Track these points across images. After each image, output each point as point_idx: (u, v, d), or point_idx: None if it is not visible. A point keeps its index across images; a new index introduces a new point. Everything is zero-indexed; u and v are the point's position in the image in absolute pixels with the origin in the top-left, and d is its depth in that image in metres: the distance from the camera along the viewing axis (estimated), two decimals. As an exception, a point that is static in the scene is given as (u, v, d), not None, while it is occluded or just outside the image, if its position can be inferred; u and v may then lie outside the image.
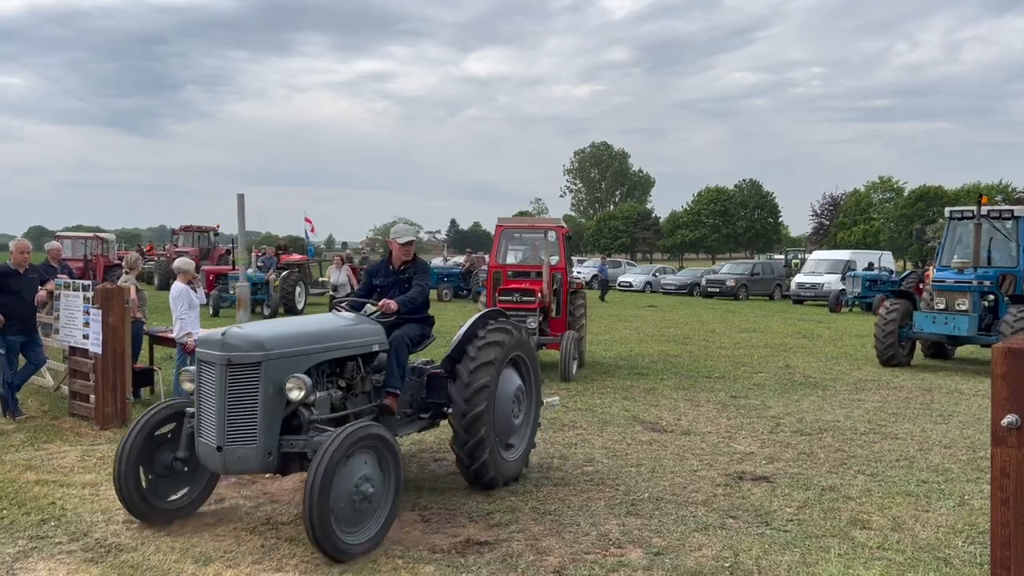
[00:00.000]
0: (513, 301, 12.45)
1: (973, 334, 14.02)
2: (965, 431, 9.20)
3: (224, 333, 5.40)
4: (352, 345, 6.07)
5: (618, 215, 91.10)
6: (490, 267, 14.10)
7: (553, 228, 13.83)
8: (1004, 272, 14.58)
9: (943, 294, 14.35)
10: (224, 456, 5.26)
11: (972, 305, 14.01)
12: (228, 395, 5.25)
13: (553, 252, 13.62)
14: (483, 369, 6.44)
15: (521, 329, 7.11)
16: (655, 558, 5.22)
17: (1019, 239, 14.65)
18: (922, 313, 14.43)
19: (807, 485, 6.91)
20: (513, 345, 6.83)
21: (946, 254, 15.48)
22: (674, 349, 16.86)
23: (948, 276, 14.56)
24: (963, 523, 5.99)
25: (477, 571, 5.00)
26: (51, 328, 9.77)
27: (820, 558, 5.26)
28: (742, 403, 10.81)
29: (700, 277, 40.13)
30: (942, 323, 14.13)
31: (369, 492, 5.22)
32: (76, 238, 33.32)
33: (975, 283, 14.12)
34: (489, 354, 6.49)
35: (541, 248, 14.04)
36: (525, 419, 7.18)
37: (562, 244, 13.51)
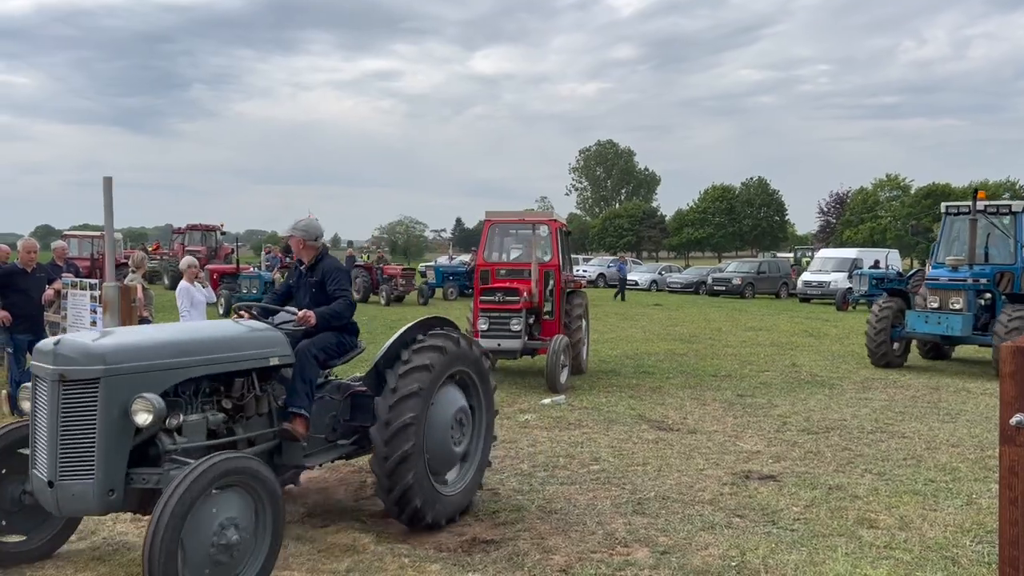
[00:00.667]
0: (495, 302, 11.64)
1: (967, 334, 13.56)
2: (973, 430, 9.17)
3: (58, 342, 4.48)
4: (241, 358, 5.08)
5: (623, 213, 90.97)
6: (477, 265, 13.28)
7: (545, 222, 12.98)
8: (1001, 269, 14.16)
9: (937, 293, 13.89)
10: (56, 493, 4.34)
11: (967, 304, 13.55)
12: (61, 418, 4.33)
13: (545, 248, 12.97)
14: (416, 373, 5.50)
15: (473, 344, 6.15)
16: (661, 557, 5.22)
17: (1017, 235, 14.16)
18: (914, 312, 13.95)
19: (814, 484, 6.90)
20: (457, 357, 5.87)
21: (942, 251, 14.94)
22: (680, 348, 16.83)
23: (942, 274, 14.10)
24: (971, 522, 5.96)
25: (483, 570, 5.00)
26: (58, 327, 9.80)
27: (827, 557, 5.25)
28: (748, 402, 10.79)
29: (706, 275, 40.06)
30: (935, 323, 13.64)
31: (234, 541, 4.28)
32: (82, 237, 33.43)
33: (970, 281, 13.67)
34: (425, 358, 5.59)
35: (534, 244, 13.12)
36: (469, 452, 6.16)
37: (555, 239, 12.59)
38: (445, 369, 5.76)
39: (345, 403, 5.87)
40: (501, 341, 11.44)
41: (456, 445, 5.94)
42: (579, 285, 13.67)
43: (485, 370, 6.27)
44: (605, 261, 50.35)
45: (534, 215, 13.48)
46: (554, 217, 13.16)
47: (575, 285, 13.30)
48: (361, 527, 5.73)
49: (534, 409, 9.99)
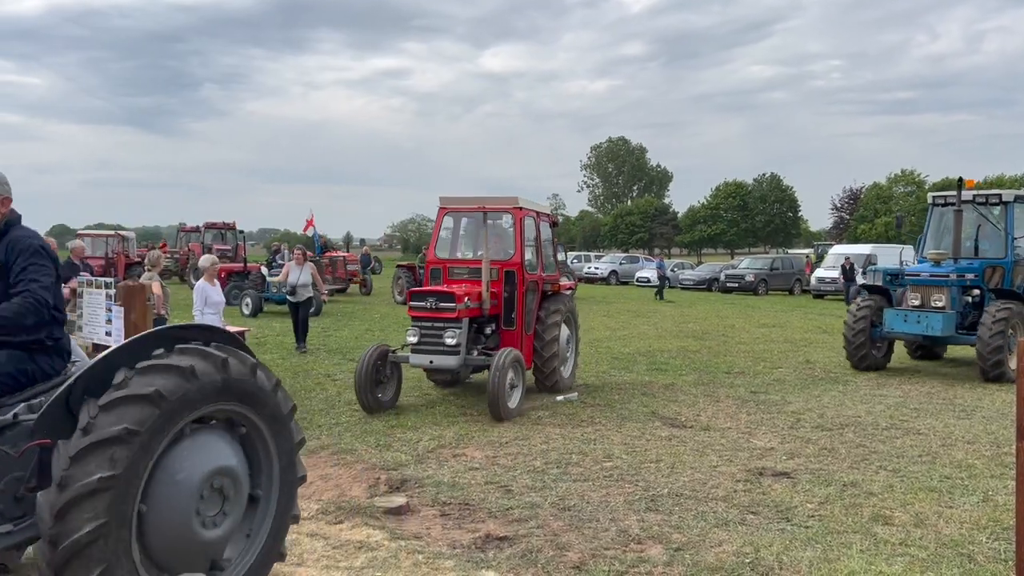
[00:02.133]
0: (427, 308, 9.57)
1: (950, 333, 12.64)
2: (989, 426, 9.11)
3: None
4: None
5: (635, 210, 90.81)
6: (428, 262, 11.10)
7: (508, 209, 10.62)
8: (991, 264, 13.23)
9: (918, 289, 13.02)
10: None
11: (950, 301, 12.68)
12: None
13: (506, 242, 10.94)
14: (128, 407, 3.46)
15: (260, 370, 4.01)
16: (675, 554, 5.21)
17: (1007, 226, 13.19)
18: (892, 311, 13.03)
19: (828, 481, 6.87)
20: (217, 388, 3.76)
21: (929, 244, 13.97)
22: (693, 345, 16.79)
23: (923, 269, 13.25)
24: (987, 519, 5.93)
25: (497, 566, 5.01)
26: (74, 325, 9.89)
27: (842, 554, 5.23)
28: (762, 399, 10.75)
29: (719, 272, 39.95)
30: (914, 322, 12.69)
31: None
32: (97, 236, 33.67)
33: (953, 277, 12.77)
34: (149, 384, 3.53)
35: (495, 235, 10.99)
36: (237, 533, 4.04)
37: (519, 231, 10.33)
38: (190, 405, 3.67)
39: (24, 461, 3.62)
40: (434, 358, 9.54)
41: (207, 528, 3.79)
42: (559, 287, 11.24)
43: (282, 412, 4.15)
44: (618, 258, 50.28)
45: (493, 201, 10.68)
46: (520, 204, 10.57)
47: (555, 288, 11.09)
48: (375, 524, 5.75)
49: (546, 406, 9.99)
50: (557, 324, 10.61)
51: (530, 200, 10.90)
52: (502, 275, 10.18)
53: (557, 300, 10.94)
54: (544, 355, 10.50)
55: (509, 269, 10.25)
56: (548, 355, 10.51)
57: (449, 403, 10.07)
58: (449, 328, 9.44)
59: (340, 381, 11.53)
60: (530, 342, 10.45)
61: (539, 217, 11.06)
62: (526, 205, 10.67)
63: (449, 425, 8.84)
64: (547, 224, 11.48)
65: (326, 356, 14.05)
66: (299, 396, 10.34)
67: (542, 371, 10.61)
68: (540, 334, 10.50)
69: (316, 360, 13.54)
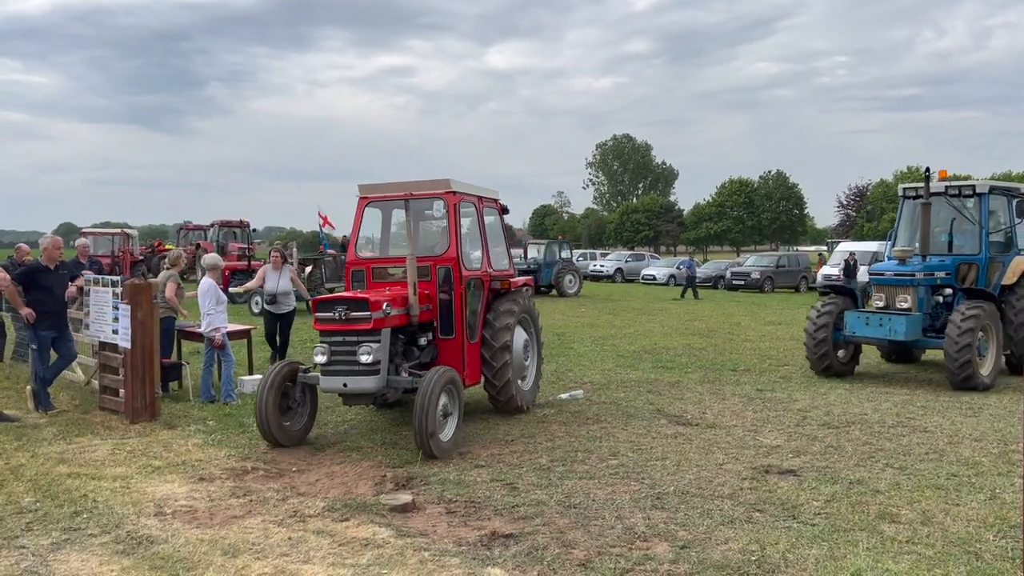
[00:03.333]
0: (336, 320, 7.67)
1: (916, 337, 11.66)
2: (996, 424, 9.08)
3: None
4: None
5: (641, 208, 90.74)
6: (347, 263, 9.16)
7: (439, 195, 8.81)
8: (965, 261, 12.25)
9: (882, 289, 12.07)
10: None
11: (916, 302, 11.72)
12: None
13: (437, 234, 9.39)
14: None
15: None
16: (681, 551, 5.21)
17: (981, 220, 12.17)
18: (854, 313, 12.04)
19: (835, 479, 6.86)
20: None
21: (900, 240, 12.91)
22: (699, 342, 16.77)
23: (888, 268, 12.22)
24: (994, 517, 5.90)
25: (503, 564, 5.01)
26: (81, 323, 9.92)
27: (848, 552, 5.21)
28: (768, 396, 10.73)
29: (725, 270, 39.90)
30: (876, 325, 11.68)
31: None
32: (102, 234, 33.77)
33: (920, 276, 11.78)
34: None
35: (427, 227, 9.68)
36: None
37: (454, 221, 8.62)
38: None
39: None
40: (348, 380, 7.65)
41: None
42: (510, 285, 9.35)
43: None
44: (623, 256, 50.23)
45: (421, 186, 8.85)
46: (453, 188, 8.79)
47: (505, 285, 9.30)
48: (381, 521, 5.76)
49: (552, 404, 9.99)
50: (508, 328, 8.94)
51: (467, 183, 9.13)
52: (435, 274, 8.54)
53: (508, 299, 9.20)
54: (495, 365, 8.83)
55: (443, 266, 8.56)
56: (499, 365, 8.83)
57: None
58: (364, 342, 7.62)
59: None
60: (476, 352, 8.82)
61: (481, 203, 9.41)
62: (462, 189, 8.94)
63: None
64: (494, 211, 9.93)
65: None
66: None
67: (494, 385, 8.93)
68: (488, 341, 8.83)
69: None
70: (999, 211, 12.59)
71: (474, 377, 8.83)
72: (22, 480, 6.65)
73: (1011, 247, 12.61)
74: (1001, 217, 12.60)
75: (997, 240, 12.48)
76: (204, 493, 6.38)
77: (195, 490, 6.44)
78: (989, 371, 11.38)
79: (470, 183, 9.22)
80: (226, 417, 9.07)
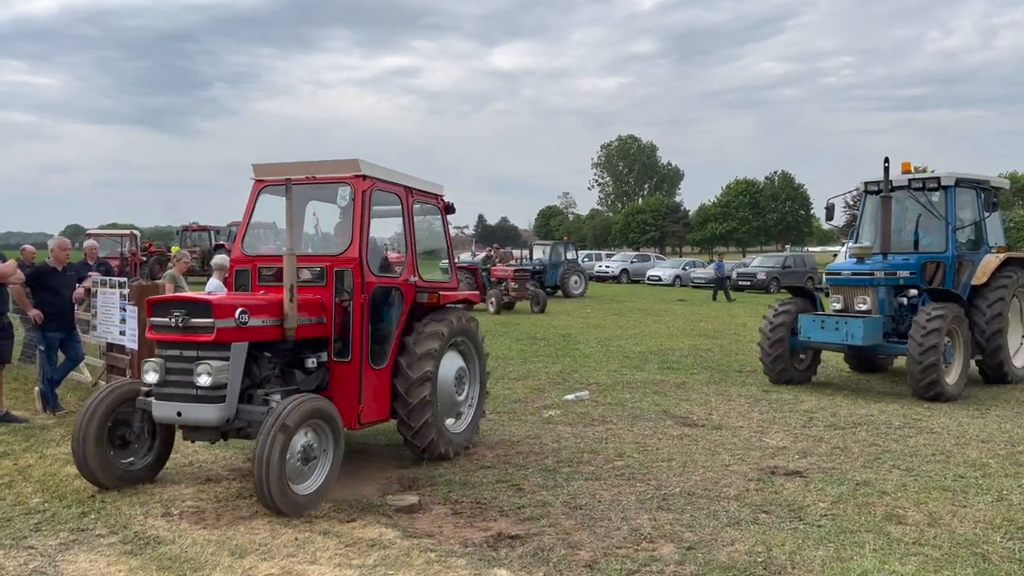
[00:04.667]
0: (171, 328, 6.05)
1: (876, 342, 10.77)
2: (1003, 425, 9.05)
3: None
4: None
5: (646, 208, 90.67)
6: (232, 260, 7.43)
7: (346, 180, 6.91)
8: (930, 259, 11.44)
9: (840, 290, 11.29)
10: None
11: (876, 304, 10.88)
12: None
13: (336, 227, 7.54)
14: None
15: None
16: (687, 552, 5.21)
17: (948, 216, 11.35)
18: (809, 316, 11.17)
19: (841, 480, 6.85)
20: None
21: (863, 238, 12.12)
22: (704, 343, 16.75)
23: (845, 267, 11.46)
24: (1001, 518, 5.89)
25: (509, 565, 5.02)
26: (89, 325, 9.95)
27: (855, 553, 5.21)
28: (774, 397, 10.72)
29: (731, 270, 39.84)
30: (832, 328, 10.77)
31: None
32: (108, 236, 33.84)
33: (880, 275, 10.94)
34: None
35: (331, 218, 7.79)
36: None
37: (361, 210, 6.74)
38: None
39: None
40: (183, 407, 6.01)
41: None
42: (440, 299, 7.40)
43: None
44: (629, 256, 50.20)
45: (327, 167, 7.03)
46: (363, 171, 6.87)
47: (434, 299, 7.35)
48: (387, 522, 5.77)
49: (558, 405, 9.99)
50: (431, 355, 7.02)
51: (389, 169, 7.29)
52: (332, 278, 6.68)
53: (437, 318, 7.29)
54: (410, 402, 6.91)
55: (341, 268, 6.67)
56: (416, 401, 6.91)
57: (460, 402, 10.08)
58: (204, 359, 5.92)
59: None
60: (385, 382, 6.96)
61: (410, 196, 7.51)
62: (377, 174, 7.05)
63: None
64: (433, 209, 8.10)
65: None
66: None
67: (409, 426, 7.00)
68: (403, 370, 6.94)
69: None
70: (968, 206, 11.81)
71: (378, 413, 6.93)
72: (30, 481, 6.68)
73: (981, 244, 11.84)
74: (969, 212, 11.82)
75: (969, 237, 11.78)
76: (211, 494, 6.39)
77: (202, 491, 6.45)
78: (956, 379, 10.52)
79: (397, 170, 7.41)
80: (233, 418, 9.08)
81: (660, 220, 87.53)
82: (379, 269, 7.12)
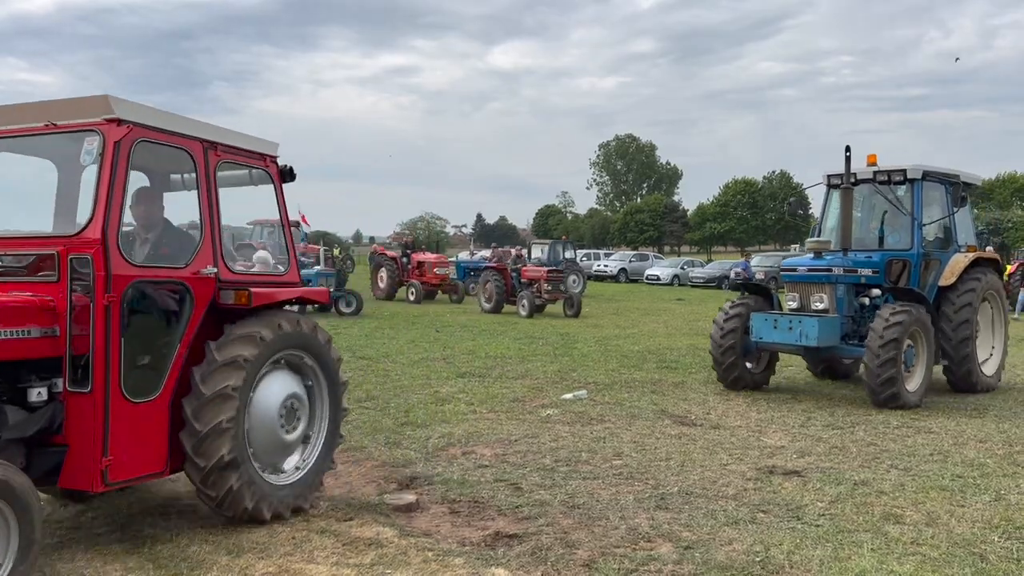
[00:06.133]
0: None
1: (832, 343, 10.06)
2: (1001, 425, 9.06)
3: None
4: None
5: (645, 208, 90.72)
6: None
7: (93, 127, 4.88)
8: (895, 257, 10.83)
9: (796, 287, 10.64)
10: None
11: (834, 303, 10.25)
12: None
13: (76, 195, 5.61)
14: None
15: None
16: (685, 552, 5.20)
17: (914, 211, 10.71)
18: (761, 315, 10.42)
19: (839, 479, 6.85)
20: None
21: (825, 233, 11.56)
22: (703, 342, 16.73)
23: (802, 263, 10.78)
24: (999, 518, 5.89)
25: (507, 564, 5.01)
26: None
27: (853, 553, 5.21)
28: (772, 396, 10.72)
29: (729, 270, 39.86)
30: (785, 328, 10.02)
31: None
32: None
33: (839, 271, 10.30)
34: None
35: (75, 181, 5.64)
36: None
37: (109, 167, 4.79)
38: None
39: None
40: None
41: None
42: (248, 298, 5.39)
43: None
44: (627, 256, 50.24)
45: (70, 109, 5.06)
46: (115, 113, 4.87)
47: (243, 299, 5.40)
48: (385, 521, 5.76)
49: (555, 404, 9.99)
50: (238, 365, 5.14)
51: (166, 112, 5.32)
52: (65, 270, 4.73)
53: (248, 327, 5.31)
54: (198, 429, 5.02)
55: (78, 255, 4.70)
56: (207, 429, 5.01)
57: (458, 401, 10.08)
58: None
59: (350, 378, 11.48)
60: (153, 419, 5.02)
61: (216, 154, 5.53)
62: (139, 116, 5.02)
63: (458, 423, 8.85)
64: (256, 171, 6.05)
65: (336, 354, 14.06)
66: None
67: (196, 465, 5.08)
68: (195, 384, 5.09)
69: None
70: (936, 201, 11.16)
71: (144, 466, 5.01)
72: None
73: (950, 243, 11.18)
74: (938, 208, 11.19)
75: (937, 235, 11.15)
76: (208, 492, 6.38)
77: (199, 489, 6.43)
78: (917, 387, 9.87)
79: (191, 117, 5.55)
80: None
81: (658, 220, 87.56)
82: (154, 255, 5.39)
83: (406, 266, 27.06)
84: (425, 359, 13.55)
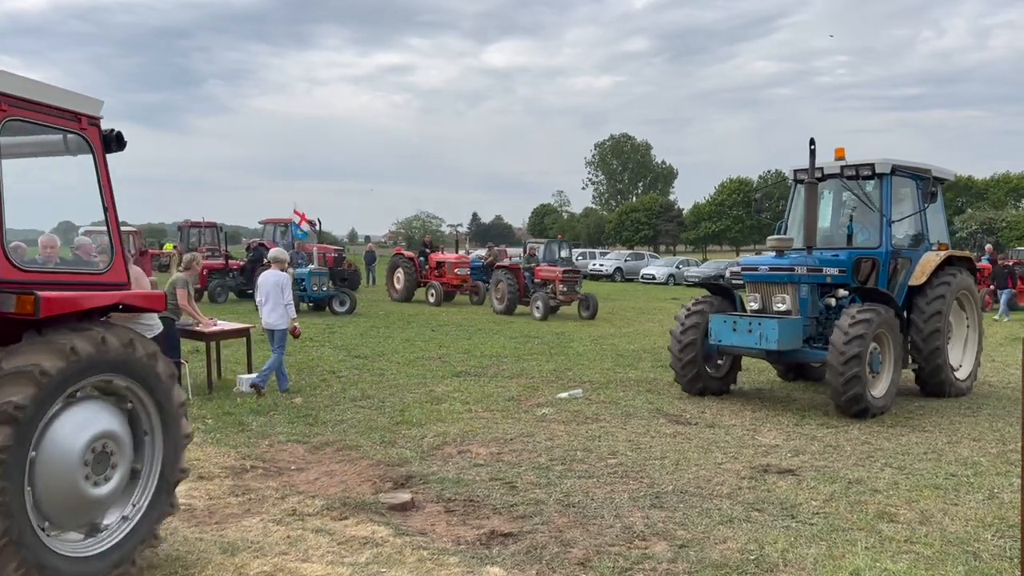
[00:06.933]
0: None
1: (794, 347, 9.49)
2: (994, 424, 9.09)
3: None
4: None
5: (640, 207, 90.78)
6: None
7: None
8: (863, 256, 10.34)
9: (757, 287, 10.13)
10: None
11: (797, 303, 9.73)
12: None
13: None
14: None
15: None
16: (680, 550, 5.21)
17: (883, 207, 10.22)
18: (720, 317, 9.93)
19: (833, 478, 6.86)
20: None
21: (791, 230, 11.05)
22: (698, 341, 16.75)
23: (763, 262, 10.23)
24: (992, 516, 5.92)
25: (502, 563, 5.02)
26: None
27: (847, 551, 5.22)
28: (767, 395, 10.74)
29: (724, 269, 39.91)
30: (745, 331, 9.52)
31: None
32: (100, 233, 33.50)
33: (802, 271, 9.74)
34: None
35: None
36: None
37: None
38: None
39: None
40: None
41: None
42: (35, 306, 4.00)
43: None
44: (622, 255, 50.25)
45: None
46: None
47: (26, 308, 4.03)
48: (380, 520, 5.76)
49: (551, 403, 9.99)
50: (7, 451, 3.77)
51: None
52: None
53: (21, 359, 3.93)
54: None
55: None
56: None
57: (453, 400, 10.08)
58: None
59: (345, 377, 11.55)
60: None
61: None
62: None
63: (454, 422, 8.85)
64: (71, 135, 4.84)
65: (331, 352, 14.06)
66: (304, 392, 10.37)
67: None
68: None
69: (321, 356, 13.56)
70: (907, 198, 10.71)
71: None
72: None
73: (921, 241, 10.72)
74: (909, 205, 10.72)
75: (908, 232, 10.72)
76: (203, 491, 6.38)
77: (194, 488, 6.43)
78: (883, 391, 9.32)
79: None
80: (224, 416, 9.07)
81: (654, 219, 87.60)
82: None
83: (424, 267, 26.67)
84: (420, 358, 13.55)
